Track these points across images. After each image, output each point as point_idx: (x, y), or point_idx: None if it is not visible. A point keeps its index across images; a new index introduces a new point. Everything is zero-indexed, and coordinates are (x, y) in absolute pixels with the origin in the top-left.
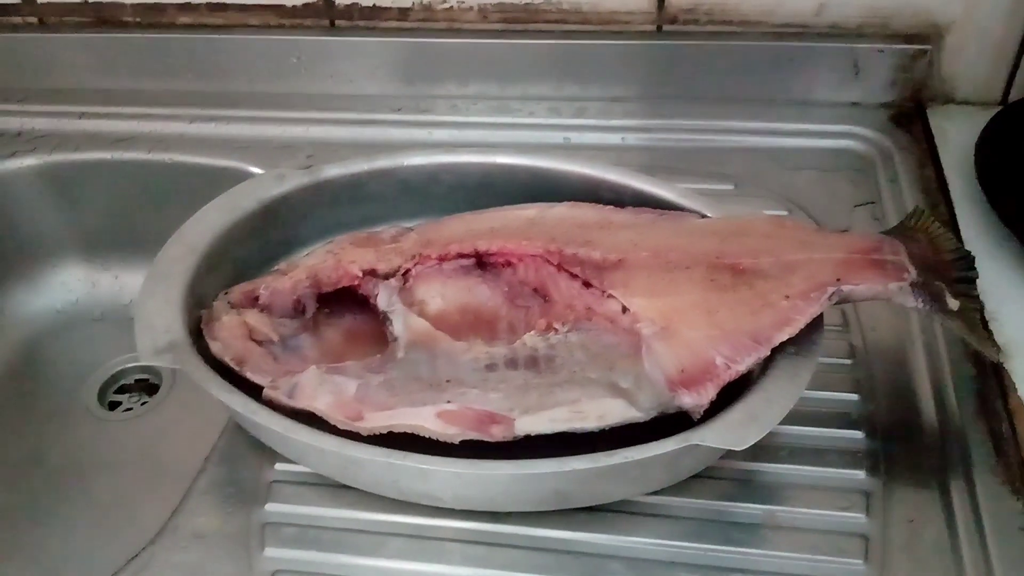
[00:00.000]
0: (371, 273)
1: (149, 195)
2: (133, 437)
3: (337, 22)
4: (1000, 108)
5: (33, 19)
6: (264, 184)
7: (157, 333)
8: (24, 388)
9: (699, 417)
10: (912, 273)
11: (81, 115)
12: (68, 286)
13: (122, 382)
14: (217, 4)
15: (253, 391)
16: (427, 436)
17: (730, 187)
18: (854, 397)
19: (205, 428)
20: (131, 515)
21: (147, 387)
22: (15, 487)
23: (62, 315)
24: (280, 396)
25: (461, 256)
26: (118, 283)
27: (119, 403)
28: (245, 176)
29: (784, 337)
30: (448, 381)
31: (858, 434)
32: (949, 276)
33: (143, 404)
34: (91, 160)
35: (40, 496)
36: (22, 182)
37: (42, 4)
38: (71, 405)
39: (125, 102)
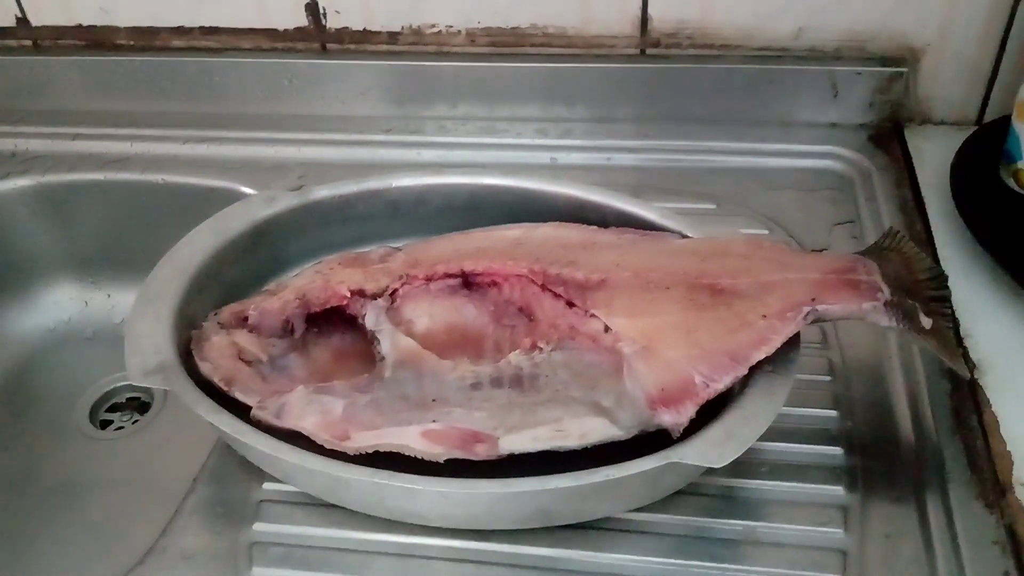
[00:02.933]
0: (359, 293)
1: (141, 215)
2: (124, 456)
3: (328, 45)
4: (975, 128)
5: (28, 41)
6: (254, 205)
7: (147, 354)
8: (16, 406)
9: (679, 435)
10: (886, 293)
11: (75, 136)
12: (60, 305)
13: (114, 400)
14: (210, 28)
15: (243, 411)
16: (413, 456)
17: (713, 206)
18: (833, 414)
19: (196, 446)
20: (121, 534)
21: (139, 406)
22: (5, 505)
23: (54, 334)
24: (268, 416)
25: (448, 276)
26: (110, 302)
27: (110, 422)
28: (237, 196)
29: (761, 356)
30: (434, 400)
31: (837, 450)
32: (922, 295)
33: (134, 423)
34: (84, 181)
35: (31, 514)
36: (16, 202)
37: (37, 27)
38: (63, 423)
39: (118, 124)
